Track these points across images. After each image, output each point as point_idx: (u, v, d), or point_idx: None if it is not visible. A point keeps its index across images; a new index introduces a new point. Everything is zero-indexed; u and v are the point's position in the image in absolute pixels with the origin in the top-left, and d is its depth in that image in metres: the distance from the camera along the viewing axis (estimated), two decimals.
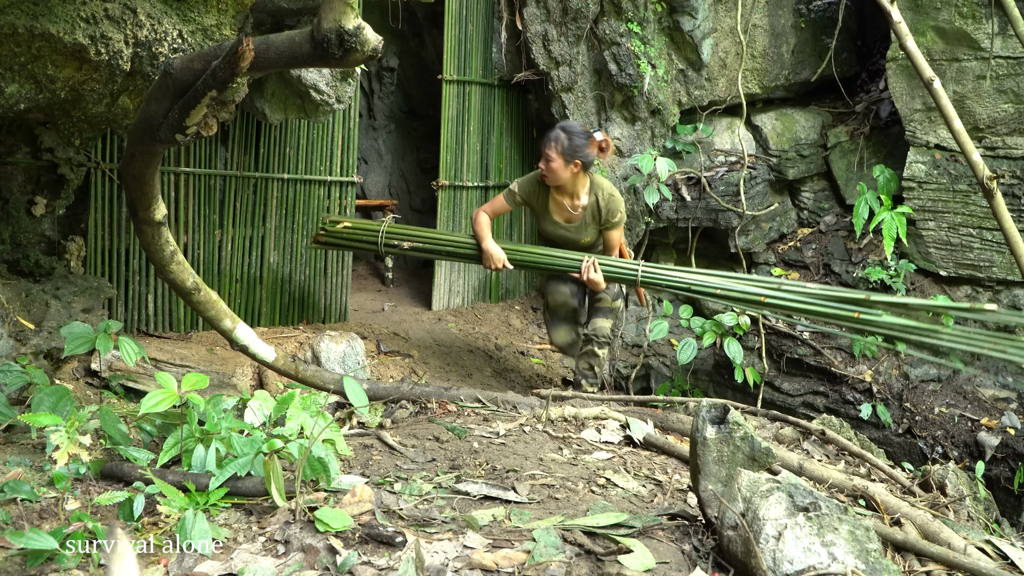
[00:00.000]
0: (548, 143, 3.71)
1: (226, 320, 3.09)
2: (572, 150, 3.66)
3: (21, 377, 2.50)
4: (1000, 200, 3.69)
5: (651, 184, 4.76)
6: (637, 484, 2.50)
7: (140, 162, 2.53)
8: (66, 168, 3.30)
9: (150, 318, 3.85)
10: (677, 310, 5.03)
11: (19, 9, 2.25)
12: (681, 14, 4.78)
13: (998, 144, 4.49)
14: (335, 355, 3.51)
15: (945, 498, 3.01)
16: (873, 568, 1.68)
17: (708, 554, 1.94)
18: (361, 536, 1.85)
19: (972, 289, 4.71)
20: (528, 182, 3.94)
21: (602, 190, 3.83)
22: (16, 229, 3.23)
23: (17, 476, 2.14)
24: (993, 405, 4.51)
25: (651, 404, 4.01)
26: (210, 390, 2.93)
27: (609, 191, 3.84)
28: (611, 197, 3.82)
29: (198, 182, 3.96)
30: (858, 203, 4.78)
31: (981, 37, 4.37)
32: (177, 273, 2.93)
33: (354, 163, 4.53)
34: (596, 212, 3.83)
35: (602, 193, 3.82)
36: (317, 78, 3.54)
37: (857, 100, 5.35)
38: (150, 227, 2.77)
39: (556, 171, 3.69)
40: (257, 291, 4.22)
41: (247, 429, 2.36)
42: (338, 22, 1.96)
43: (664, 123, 4.92)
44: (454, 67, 4.93)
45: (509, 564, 1.77)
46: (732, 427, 2.07)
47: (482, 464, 2.54)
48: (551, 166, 3.70)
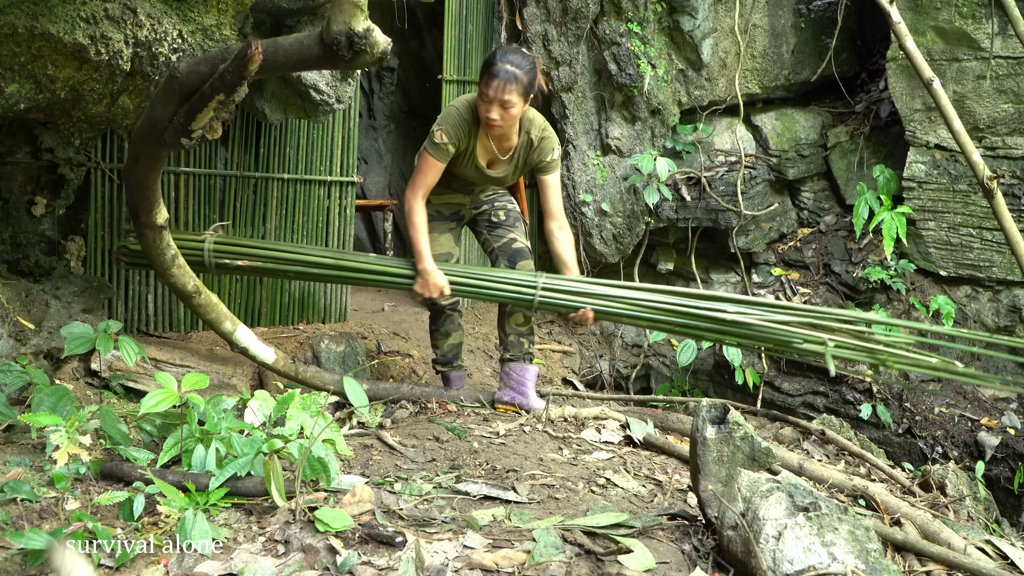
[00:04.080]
0: (502, 84, 2.90)
1: (226, 323, 3.10)
2: (531, 84, 2.98)
3: (21, 377, 2.50)
4: (1000, 200, 3.69)
5: (651, 184, 4.76)
6: (637, 484, 2.50)
7: (143, 166, 2.54)
8: (66, 168, 3.30)
9: (150, 318, 3.85)
10: None
11: (19, 9, 2.25)
12: (681, 14, 4.78)
13: (998, 144, 4.49)
14: (335, 355, 3.51)
15: (945, 498, 3.01)
16: (873, 568, 1.68)
17: (708, 554, 1.94)
18: (361, 536, 1.85)
19: (972, 289, 4.71)
20: (457, 124, 3.08)
21: (534, 125, 3.15)
22: (16, 229, 3.23)
23: (17, 476, 2.14)
24: (993, 405, 4.52)
25: (651, 404, 4.02)
26: (210, 390, 2.93)
27: (542, 125, 3.18)
28: (545, 131, 3.17)
29: (198, 182, 3.96)
30: (858, 203, 4.78)
31: (981, 37, 4.37)
32: (178, 277, 2.93)
33: (354, 163, 4.53)
34: (528, 152, 3.17)
35: (535, 129, 3.15)
36: (317, 78, 3.54)
37: (857, 100, 5.35)
38: (152, 231, 2.77)
39: (515, 118, 3.01)
40: (257, 291, 4.22)
41: (247, 429, 2.36)
42: (348, 24, 1.96)
43: (664, 123, 4.92)
44: (454, 67, 4.93)
45: (509, 564, 1.77)
46: (732, 427, 2.07)
47: (482, 464, 2.55)
48: (510, 113, 2.96)
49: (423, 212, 3.16)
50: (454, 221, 3.42)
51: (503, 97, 2.91)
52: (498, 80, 2.90)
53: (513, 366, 3.30)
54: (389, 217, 5.50)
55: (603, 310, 3.19)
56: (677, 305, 3.19)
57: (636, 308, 3.19)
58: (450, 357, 3.49)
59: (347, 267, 3.29)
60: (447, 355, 3.48)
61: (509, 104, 2.93)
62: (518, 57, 2.96)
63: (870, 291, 4.79)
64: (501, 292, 3.22)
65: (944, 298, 4.60)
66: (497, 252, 3.36)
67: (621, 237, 4.92)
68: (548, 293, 3.18)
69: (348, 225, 4.53)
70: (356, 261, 3.31)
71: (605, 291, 3.22)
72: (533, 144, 3.15)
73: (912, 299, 4.68)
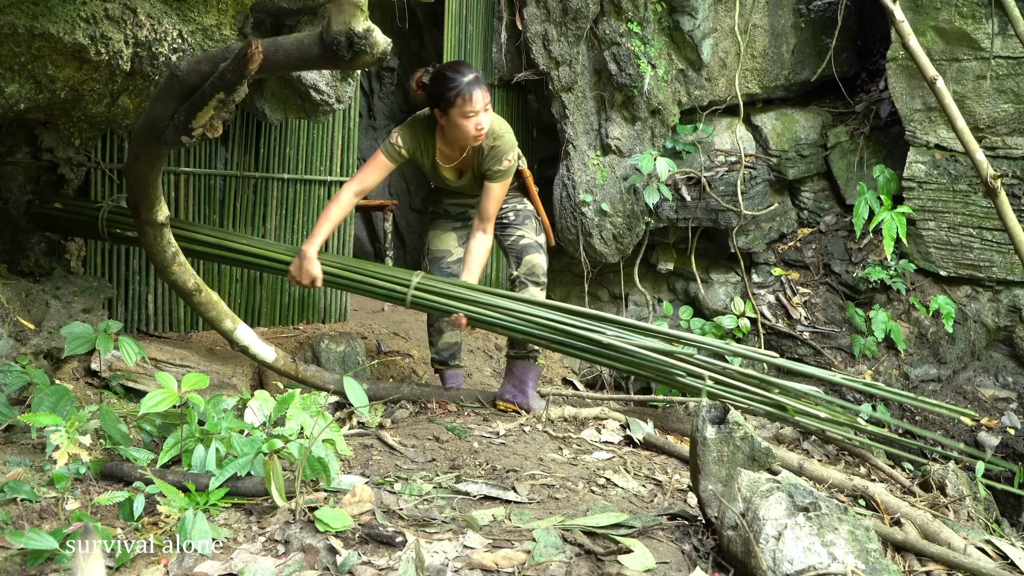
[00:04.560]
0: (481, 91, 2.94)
1: (227, 321, 3.10)
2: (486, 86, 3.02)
3: (21, 377, 2.50)
4: (1004, 199, 3.69)
5: (651, 184, 4.76)
6: (637, 484, 2.50)
7: (144, 164, 2.54)
8: (66, 168, 3.30)
9: (150, 318, 3.85)
10: (677, 311, 5.03)
11: (19, 9, 2.25)
12: (681, 14, 4.78)
13: (998, 144, 4.49)
14: (335, 355, 3.51)
15: (945, 498, 3.01)
16: (873, 568, 1.68)
17: (708, 554, 1.94)
18: (361, 536, 1.85)
19: (972, 289, 4.71)
20: (413, 130, 3.15)
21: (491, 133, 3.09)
22: (16, 229, 3.23)
23: (17, 476, 2.14)
24: (993, 405, 4.52)
25: (651, 404, 4.01)
26: (210, 390, 2.93)
27: (495, 131, 3.10)
28: (497, 140, 3.10)
29: (198, 182, 3.96)
30: (858, 203, 4.78)
31: (981, 37, 4.36)
32: (179, 274, 2.93)
33: (354, 163, 4.53)
34: (480, 159, 3.14)
35: (488, 134, 3.07)
36: (317, 78, 3.54)
37: (857, 100, 5.35)
38: (153, 228, 2.77)
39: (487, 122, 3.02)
40: (257, 291, 4.22)
41: (247, 429, 2.36)
42: (348, 24, 1.96)
43: (664, 123, 4.92)
44: None
45: (509, 564, 1.77)
46: (732, 427, 2.07)
47: (482, 464, 2.55)
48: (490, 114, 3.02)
49: (344, 206, 3.16)
50: (459, 221, 3.44)
51: (486, 101, 2.98)
52: (476, 91, 2.94)
53: (517, 364, 3.33)
54: (389, 217, 5.49)
55: (477, 318, 3.15)
56: (554, 321, 3.14)
57: (511, 319, 3.16)
58: (445, 356, 3.49)
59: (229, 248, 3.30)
60: (442, 353, 3.49)
61: (489, 105, 3.00)
62: (462, 65, 3.04)
63: (870, 291, 4.79)
64: (375, 288, 3.22)
65: (944, 298, 4.60)
66: (507, 250, 3.39)
67: (621, 237, 4.92)
68: (421, 294, 3.15)
69: (348, 225, 4.53)
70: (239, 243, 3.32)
71: (482, 298, 3.16)
72: (483, 151, 3.13)
73: (912, 299, 4.68)
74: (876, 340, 4.62)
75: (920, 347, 4.68)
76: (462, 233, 3.43)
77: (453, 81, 2.96)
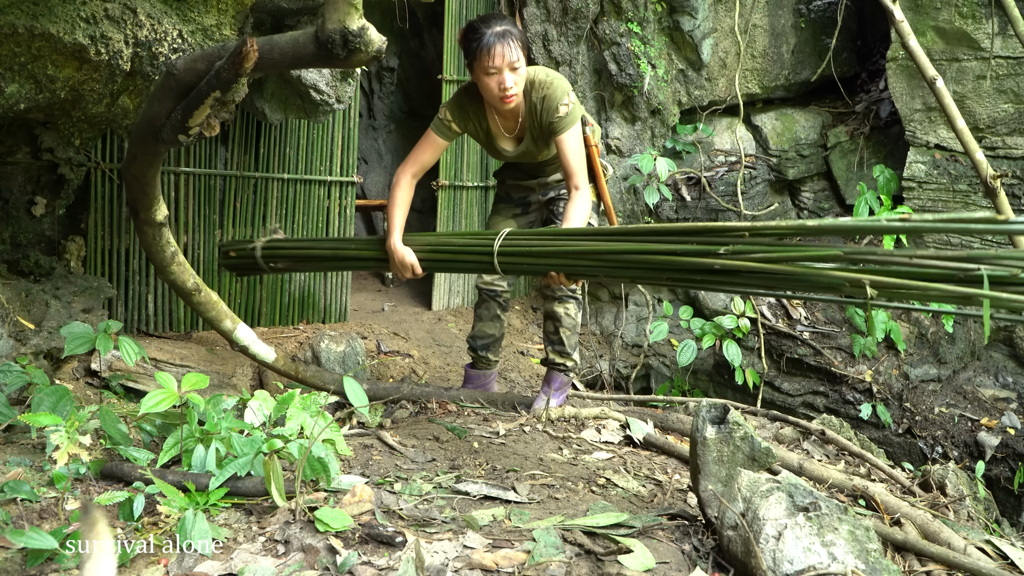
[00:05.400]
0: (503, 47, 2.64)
1: (226, 321, 3.10)
2: (523, 34, 2.74)
3: (21, 377, 2.50)
4: (1004, 199, 3.69)
5: (651, 184, 4.76)
6: (637, 484, 2.50)
7: (142, 163, 2.54)
8: (66, 168, 3.30)
9: (150, 318, 3.85)
10: (677, 311, 5.03)
11: (19, 9, 2.25)
12: (681, 14, 4.78)
13: (998, 144, 4.49)
14: (335, 355, 3.51)
15: (945, 498, 3.01)
16: (873, 568, 1.68)
17: (708, 554, 1.94)
18: (361, 536, 1.85)
19: None
20: (460, 101, 2.93)
21: (534, 86, 2.80)
22: (16, 229, 3.24)
23: (17, 476, 2.14)
24: (993, 405, 4.51)
25: (651, 404, 4.01)
26: (210, 390, 2.93)
27: (541, 82, 2.81)
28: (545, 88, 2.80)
29: (198, 182, 3.96)
30: (858, 203, 4.79)
31: (981, 37, 4.37)
32: (178, 274, 2.94)
33: (354, 163, 4.53)
34: (535, 117, 2.84)
35: (534, 90, 2.80)
36: (317, 78, 3.54)
37: (857, 100, 5.35)
38: (151, 228, 2.77)
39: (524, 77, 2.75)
40: (257, 291, 4.22)
41: (247, 429, 2.36)
42: (342, 23, 1.96)
43: (664, 123, 4.92)
44: (454, 67, 4.93)
45: (509, 564, 1.77)
46: (732, 427, 2.07)
47: (482, 464, 2.55)
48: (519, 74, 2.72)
49: (406, 188, 2.95)
50: (520, 207, 3.26)
51: (511, 59, 2.67)
52: (498, 46, 2.65)
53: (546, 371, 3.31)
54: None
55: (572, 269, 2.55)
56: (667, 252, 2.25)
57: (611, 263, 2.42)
58: (477, 344, 3.36)
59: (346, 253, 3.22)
60: (476, 340, 3.36)
61: (516, 64, 2.69)
62: (494, 18, 2.73)
63: None
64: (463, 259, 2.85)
65: None
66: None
67: None
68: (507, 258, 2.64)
69: (348, 225, 4.53)
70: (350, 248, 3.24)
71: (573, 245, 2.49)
72: (536, 108, 2.82)
73: None
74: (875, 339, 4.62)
75: (920, 347, 4.69)
76: (522, 221, 3.22)
77: (477, 32, 2.69)
